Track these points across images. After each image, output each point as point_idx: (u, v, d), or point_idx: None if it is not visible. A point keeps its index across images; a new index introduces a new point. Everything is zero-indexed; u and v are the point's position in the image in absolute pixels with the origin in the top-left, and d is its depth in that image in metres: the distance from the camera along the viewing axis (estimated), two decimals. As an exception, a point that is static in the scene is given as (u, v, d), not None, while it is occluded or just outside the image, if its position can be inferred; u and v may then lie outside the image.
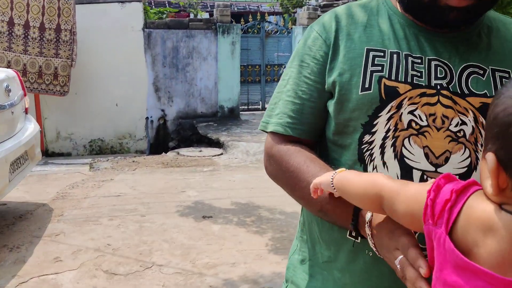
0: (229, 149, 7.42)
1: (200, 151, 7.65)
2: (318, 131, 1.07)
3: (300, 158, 1.01)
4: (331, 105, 1.02)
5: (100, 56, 7.91)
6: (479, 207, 0.62)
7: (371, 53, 1.00)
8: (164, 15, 10.00)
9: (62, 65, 7.26)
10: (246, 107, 10.25)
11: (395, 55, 0.99)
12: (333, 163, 1.03)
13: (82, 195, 5.07)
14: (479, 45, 1.01)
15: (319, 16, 9.44)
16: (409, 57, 0.98)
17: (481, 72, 0.99)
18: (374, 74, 0.98)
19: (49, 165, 6.63)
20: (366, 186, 0.82)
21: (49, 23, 7.18)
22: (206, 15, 12.56)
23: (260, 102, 10.45)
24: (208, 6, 15.08)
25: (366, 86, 0.98)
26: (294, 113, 1.05)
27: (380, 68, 0.98)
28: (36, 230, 4.04)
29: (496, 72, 0.99)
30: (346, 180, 0.87)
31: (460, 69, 0.98)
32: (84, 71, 7.70)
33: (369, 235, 0.85)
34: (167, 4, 14.14)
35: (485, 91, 0.97)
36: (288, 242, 3.84)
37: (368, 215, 0.85)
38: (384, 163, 0.96)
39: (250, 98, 10.37)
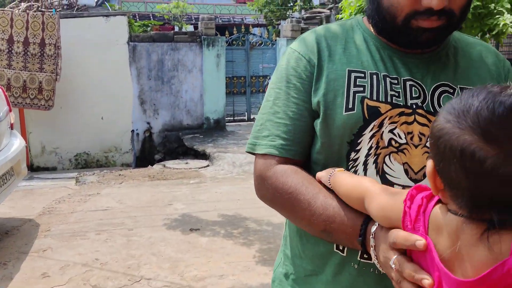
0: (216, 160, 7.45)
1: (187, 163, 7.67)
2: (309, 150, 1.10)
3: (298, 179, 1.02)
4: (317, 125, 1.05)
5: (85, 70, 7.91)
6: (435, 211, 0.73)
7: (353, 74, 1.04)
8: (149, 28, 10.05)
9: (47, 79, 7.25)
10: (232, 118, 10.31)
11: (374, 76, 1.03)
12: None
13: (69, 209, 5.05)
14: (448, 65, 1.07)
15: (302, 28, 9.58)
16: (387, 78, 1.03)
17: (451, 91, 1.04)
18: (356, 94, 1.03)
19: (35, 180, 6.59)
20: (353, 187, 0.92)
21: (33, 37, 7.17)
22: (190, 28, 12.64)
23: (246, 113, 10.51)
24: (193, 18, 15.16)
25: (349, 106, 1.02)
26: (287, 134, 1.06)
27: (362, 88, 1.03)
28: (23, 246, 4.03)
29: (464, 91, 1.05)
30: (339, 179, 0.96)
31: (432, 89, 1.03)
32: (69, 85, 7.69)
33: (372, 247, 0.87)
34: (151, 17, 14.19)
35: None
36: (275, 253, 3.88)
37: (373, 228, 0.88)
38: None
39: (236, 109, 10.43)
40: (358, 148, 1.01)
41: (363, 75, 1.04)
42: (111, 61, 8.16)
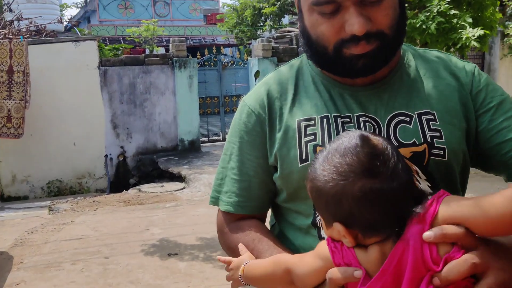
0: (191, 182, 7.40)
1: (162, 186, 7.59)
2: (268, 203, 1.12)
3: (248, 238, 1.05)
4: (278, 179, 1.05)
5: (56, 96, 7.81)
6: (357, 252, 0.80)
7: (302, 124, 1.02)
8: (120, 52, 9.99)
9: (16, 107, 7.12)
10: (207, 138, 10.29)
11: (324, 120, 1.01)
12: (289, 227, 1.08)
13: (42, 240, 4.93)
14: (402, 91, 1.02)
15: (273, 47, 9.67)
16: (338, 118, 1.00)
17: (408, 119, 0.99)
18: (308, 144, 1.00)
19: (6, 211, 6.41)
20: (274, 265, 0.92)
21: (0, 65, 7.05)
22: (161, 50, 12.64)
23: (220, 133, 10.51)
24: (164, 41, 15.16)
25: (303, 158, 1.00)
26: (242, 191, 1.08)
27: (313, 137, 1.00)
28: (-5, 281, 3.90)
29: (422, 116, 1.00)
30: (253, 267, 0.96)
31: (387, 121, 1.00)
32: (40, 112, 7.57)
33: None
34: (121, 41, 14.14)
35: (414, 139, 0.98)
36: (255, 274, 3.85)
37: None
38: None
39: (210, 129, 10.43)
40: None
41: (313, 122, 1.02)
42: (82, 86, 8.08)
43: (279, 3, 10.26)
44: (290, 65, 1.14)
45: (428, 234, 0.74)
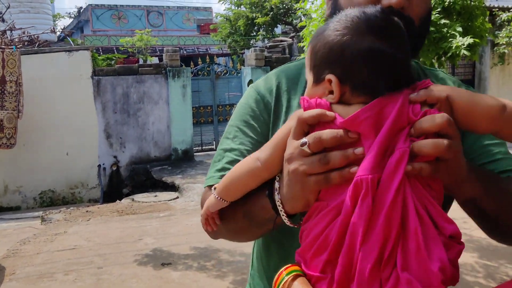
0: (185, 192, 7.39)
1: (155, 196, 7.58)
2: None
3: None
4: None
5: (49, 106, 7.80)
6: (336, 107, 0.80)
7: None
8: (113, 62, 10.01)
9: (8, 117, 7.10)
10: (200, 148, 10.30)
11: None
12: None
13: (35, 250, 4.90)
14: None
15: (266, 57, 9.73)
16: None
17: None
18: None
19: (-2, 221, 6.37)
20: (242, 163, 0.91)
21: (-7, 75, 7.04)
22: (155, 60, 12.66)
23: (214, 142, 10.52)
24: (157, 50, 15.19)
25: None
26: None
27: None
28: (-13, 292, 3.87)
29: None
30: (226, 176, 0.94)
31: None
32: (33, 122, 7.55)
33: (276, 190, 0.86)
34: (115, 50, 14.15)
35: None
36: (249, 283, 3.84)
37: (277, 177, 0.87)
38: None
39: (204, 138, 10.44)
40: None
41: None
42: (75, 96, 8.08)
43: (271, 13, 10.35)
44: (303, 63, 1.13)
45: (413, 94, 0.77)
